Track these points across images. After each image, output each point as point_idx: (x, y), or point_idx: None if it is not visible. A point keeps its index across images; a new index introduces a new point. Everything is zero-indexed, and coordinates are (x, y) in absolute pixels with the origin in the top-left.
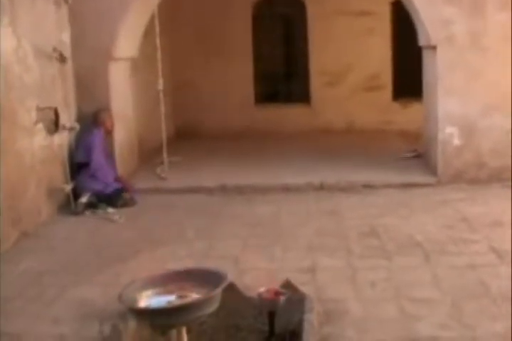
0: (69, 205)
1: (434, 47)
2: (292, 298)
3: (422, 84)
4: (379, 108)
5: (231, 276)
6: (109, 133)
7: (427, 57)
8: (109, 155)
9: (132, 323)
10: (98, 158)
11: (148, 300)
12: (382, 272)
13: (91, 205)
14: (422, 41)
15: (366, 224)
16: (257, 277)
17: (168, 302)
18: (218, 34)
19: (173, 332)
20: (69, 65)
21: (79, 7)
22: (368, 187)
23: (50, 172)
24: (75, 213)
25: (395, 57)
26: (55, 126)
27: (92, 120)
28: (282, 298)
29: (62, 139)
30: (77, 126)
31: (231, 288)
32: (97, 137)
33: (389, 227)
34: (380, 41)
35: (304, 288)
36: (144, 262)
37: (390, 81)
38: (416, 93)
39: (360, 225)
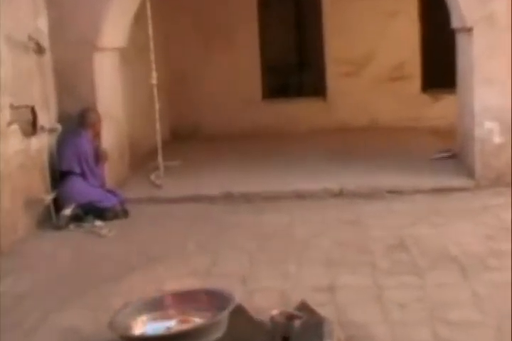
0: (50, 218)
1: (469, 30)
2: (309, 321)
3: (456, 73)
4: (406, 101)
5: (238, 297)
6: (97, 135)
7: (461, 41)
8: (98, 160)
9: None
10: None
11: (144, 326)
12: (412, 291)
13: (76, 218)
14: (455, 23)
15: (393, 236)
16: (268, 298)
17: (167, 328)
18: (220, 19)
19: None
20: (47, 56)
21: None
22: (395, 192)
23: (27, 180)
24: (58, 227)
25: (423, 42)
26: (32, 127)
27: (78, 121)
28: (297, 322)
29: (42, 142)
30: (59, 128)
31: (239, 310)
32: (86, 141)
33: (420, 239)
34: (406, 24)
35: (322, 310)
36: (138, 282)
37: (418, 70)
38: (449, 83)
39: (386, 236)
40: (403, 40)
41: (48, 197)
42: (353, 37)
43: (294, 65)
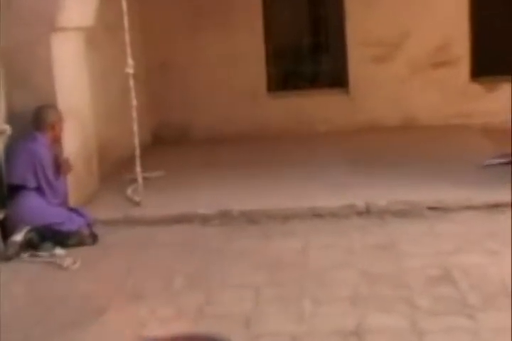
0: None
1: None
2: None
3: None
4: (451, 93)
5: None
6: (57, 140)
7: None
8: (59, 171)
9: None
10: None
11: None
12: (461, 336)
13: (30, 245)
14: None
15: (436, 265)
16: None
17: None
18: None
19: None
20: None
21: None
22: (437, 209)
23: None
24: (6, 257)
25: (473, 18)
26: None
27: (33, 121)
28: None
29: None
30: (8, 130)
31: None
32: (43, 146)
33: (470, 269)
34: None
35: None
36: (111, 326)
37: (466, 53)
38: (505, 70)
39: (427, 266)
40: (448, 13)
41: None
42: (383, 10)
43: (308, 48)
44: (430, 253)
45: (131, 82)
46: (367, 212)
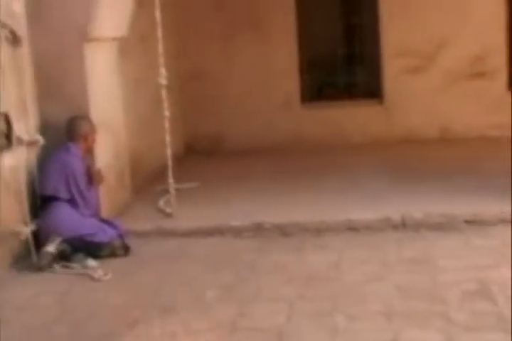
0: (29, 257)
1: None
2: None
3: None
4: (488, 104)
5: None
6: (89, 151)
7: None
8: (92, 182)
9: None
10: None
11: None
12: None
13: (62, 256)
14: None
15: (473, 279)
16: None
17: None
18: (248, 2)
19: None
20: (25, 48)
21: None
22: (475, 223)
23: None
24: (38, 268)
25: (510, 28)
26: (6, 139)
27: (65, 132)
28: None
29: (18, 159)
30: (41, 140)
31: None
32: (76, 157)
33: (507, 283)
34: (489, 4)
35: None
36: (143, 339)
37: (503, 64)
38: None
39: (464, 280)
40: (485, 23)
41: (26, 230)
42: (418, 20)
43: (342, 58)
44: (467, 267)
45: (164, 93)
46: (402, 225)
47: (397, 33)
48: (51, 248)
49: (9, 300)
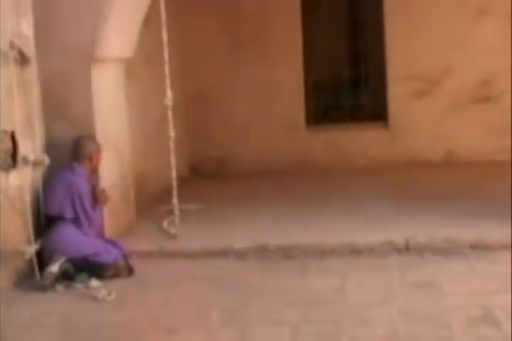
0: (32, 276)
1: None
2: None
3: None
4: (493, 128)
5: None
6: (94, 171)
7: None
8: (96, 203)
9: None
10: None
11: None
12: None
13: (65, 276)
14: None
15: (478, 305)
16: None
17: None
18: (252, 23)
19: None
20: (32, 68)
21: None
22: (479, 248)
23: (3, 227)
24: (42, 288)
25: None
26: (11, 158)
27: (71, 151)
28: None
29: (23, 178)
30: (46, 160)
31: None
32: (81, 177)
33: None
34: (495, 27)
35: None
36: None
37: (510, 88)
38: None
39: (468, 306)
40: (491, 47)
41: (30, 249)
42: (424, 44)
43: (347, 81)
44: (471, 292)
45: (170, 114)
46: (406, 248)
47: (403, 57)
48: (55, 268)
49: (13, 319)
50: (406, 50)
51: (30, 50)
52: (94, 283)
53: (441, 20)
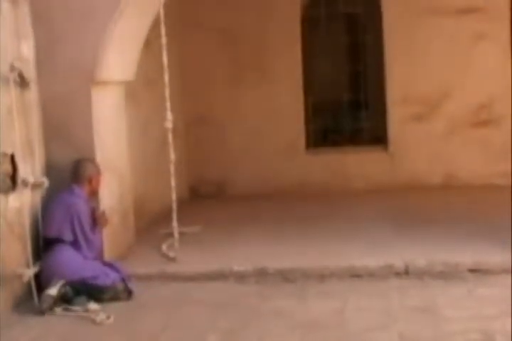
0: (31, 300)
1: None
2: None
3: None
4: (493, 152)
5: None
6: (94, 193)
7: None
8: (95, 225)
9: None
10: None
11: None
12: None
13: (64, 299)
14: None
15: (478, 329)
16: None
17: None
18: (252, 46)
19: None
20: (32, 91)
21: (46, 4)
22: (479, 272)
23: (1, 250)
24: (40, 311)
25: None
26: (11, 181)
27: (71, 174)
28: None
29: (22, 201)
30: (46, 182)
31: None
32: (80, 200)
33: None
34: (493, 52)
35: None
36: None
37: (509, 112)
38: None
39: (467, 330)
40: (490, 71)
41: (29, 272)
42: (423, 68)
43: (347, 104)
44: (470, 316)
45: (170, 137)
46: (406, 272)
47: (402, 80)
48: (53, 291)
49: None
50: (405, 74)
51: (30, 73)
52: (93, 306)
53: (440, 44)
